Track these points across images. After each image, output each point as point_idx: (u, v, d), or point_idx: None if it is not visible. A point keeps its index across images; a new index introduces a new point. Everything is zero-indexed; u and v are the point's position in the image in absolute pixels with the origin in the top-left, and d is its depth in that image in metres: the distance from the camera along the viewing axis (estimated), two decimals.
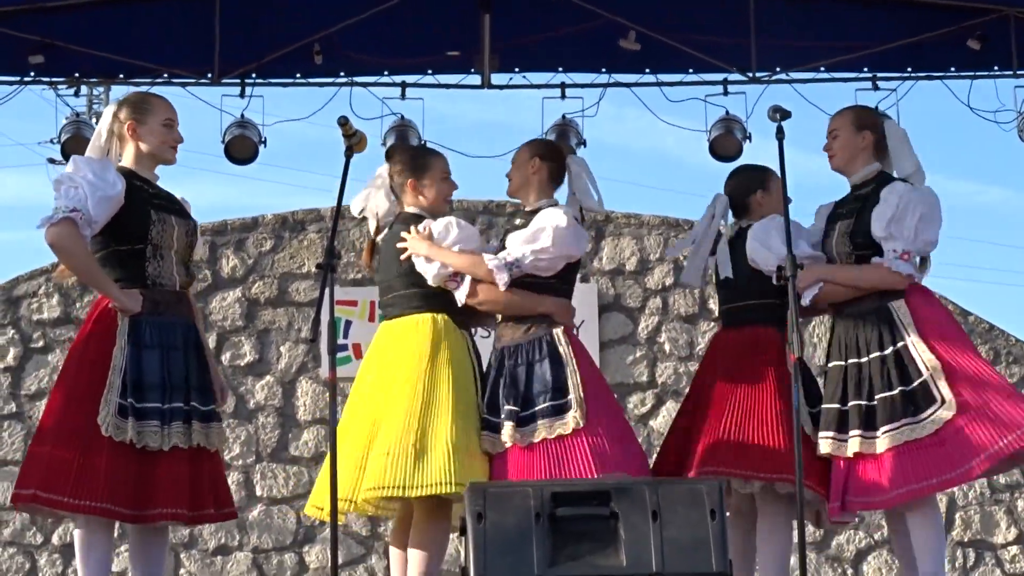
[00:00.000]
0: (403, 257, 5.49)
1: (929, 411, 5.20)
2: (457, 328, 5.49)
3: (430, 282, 5.45)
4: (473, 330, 5.62)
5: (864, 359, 5.35)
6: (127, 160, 5.22)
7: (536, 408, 5.33)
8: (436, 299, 5.48)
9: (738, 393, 5.52)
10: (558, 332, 5.43)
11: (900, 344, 5.30)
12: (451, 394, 5.34)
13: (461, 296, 5.44)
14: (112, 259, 5.11)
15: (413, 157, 5.72)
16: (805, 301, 5.45)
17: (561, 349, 5.39)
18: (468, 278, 5.41)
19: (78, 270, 5.17)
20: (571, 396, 5.32)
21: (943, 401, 5.19)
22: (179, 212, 5.26)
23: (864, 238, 5.43)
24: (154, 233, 5.12)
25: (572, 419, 5.28)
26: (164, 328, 5.11)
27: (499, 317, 5.60)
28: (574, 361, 5.37)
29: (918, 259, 5.42)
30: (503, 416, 5.34)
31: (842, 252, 5.51)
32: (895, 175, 5.55)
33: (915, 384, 5.23)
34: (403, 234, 5.50)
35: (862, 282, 5.41)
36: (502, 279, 5.36)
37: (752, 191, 5.81)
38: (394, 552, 5.55)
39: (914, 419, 5.21)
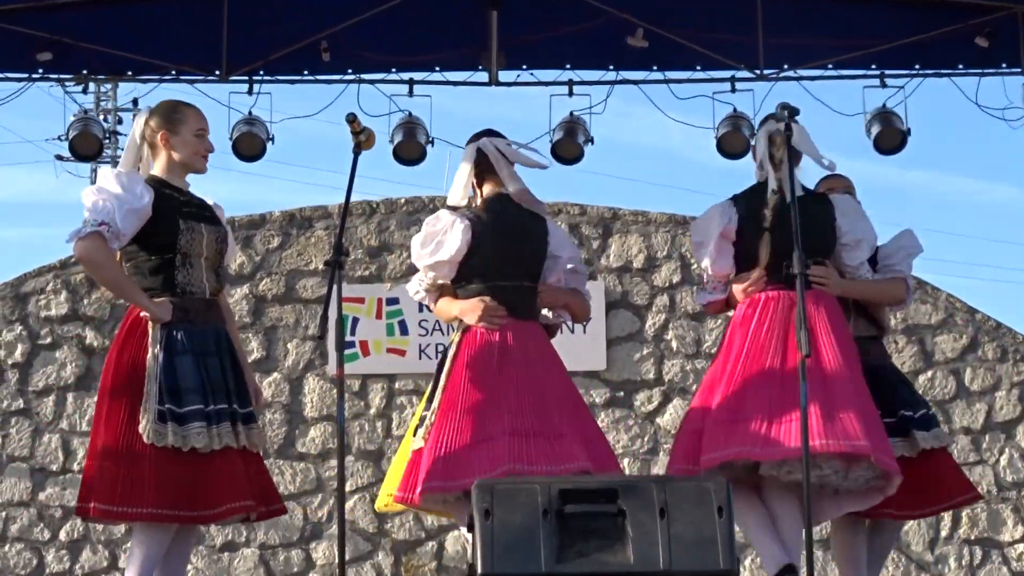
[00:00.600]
0: None
1: None
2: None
3: None
4: None
5: None
6: (158, 168, 5.25)
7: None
8: None
9: None
10: (456, 336, 5.40)
11: None
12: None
13: None
14: (142, 268, 5.16)
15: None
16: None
17: (449, 355, 5.37)
18: None
19: (107, 282, 5.27)
20: (431, 408, 5.31)
21: None
22: (209, 219, 5.28)
23: None
24: (183, 242, 5.15)
25: (421, 434, 5.29)
26: (196, 335, 5.14)
27: None
28: (449, 367, 5.32)
29: (703, 282, 5.65)
30: None
31: None
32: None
33: None
34: None
35: None
36: (426, 300, 5.54)
37: None
38: None
39: None
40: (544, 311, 5.55)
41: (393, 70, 7.70)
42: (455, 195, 5.50)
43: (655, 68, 7.68)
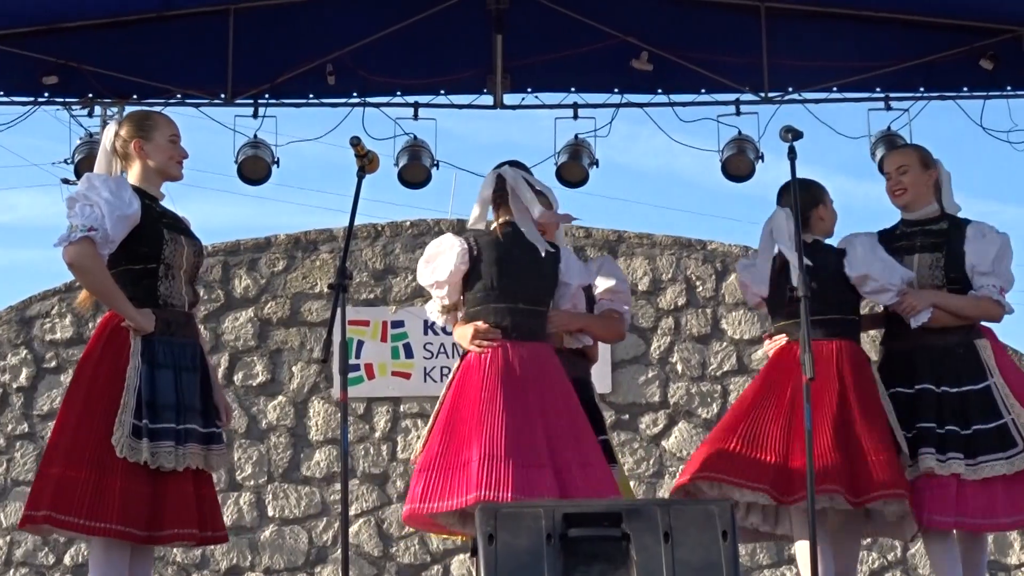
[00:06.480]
0: None
1: (1015, 450, 5.48)
2: None
3: None
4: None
5: (956, 389, 5.56)
6: (133, 178, 5.21)
7: None
8: None
9: (827, 408, 5.47)
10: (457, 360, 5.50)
11: (988, 382, 5.56)
12: None
13: None
14: (125, 278, 5.09)
15: None
16: (915, 323, 5.61)
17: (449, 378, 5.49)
18: None
19: (96, 289, 5.16)
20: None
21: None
22: (186, 232, 5.28)
23: (959, 272, 5.66)
24: (167, 252, 5.12)
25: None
26: (176, 348, 5.11)
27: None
28: (445, 390, 5.41)
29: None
30: None
31: (931, 285, 5.69)
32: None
33: (1002, 422, 5.50)
34: None
35: (968, 311, 5.65)
36: (441, 322, 5.75)
37: (813, 206, 5.76)
38: None
39: (1004, 455, 5.48)
40: (564, 335, 5.59)
41: (398, 93, 7.70)
42: (472, 218, 5.60)
43: (660, 91, 7.67)
